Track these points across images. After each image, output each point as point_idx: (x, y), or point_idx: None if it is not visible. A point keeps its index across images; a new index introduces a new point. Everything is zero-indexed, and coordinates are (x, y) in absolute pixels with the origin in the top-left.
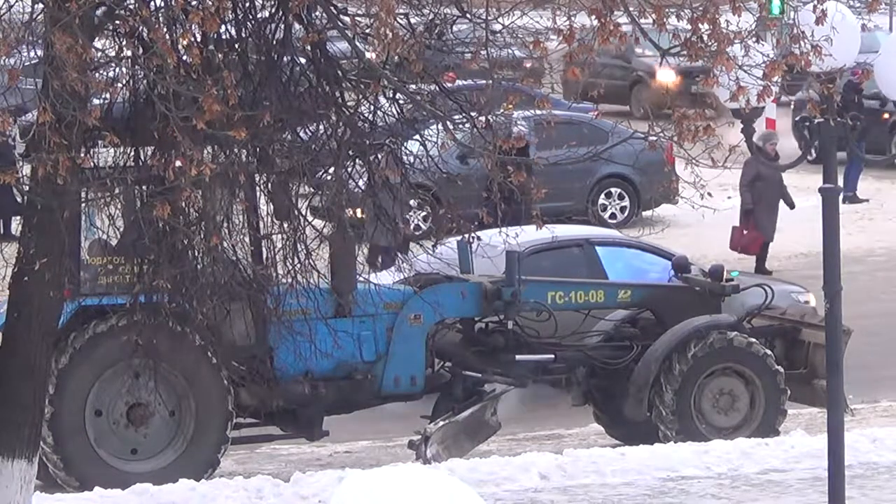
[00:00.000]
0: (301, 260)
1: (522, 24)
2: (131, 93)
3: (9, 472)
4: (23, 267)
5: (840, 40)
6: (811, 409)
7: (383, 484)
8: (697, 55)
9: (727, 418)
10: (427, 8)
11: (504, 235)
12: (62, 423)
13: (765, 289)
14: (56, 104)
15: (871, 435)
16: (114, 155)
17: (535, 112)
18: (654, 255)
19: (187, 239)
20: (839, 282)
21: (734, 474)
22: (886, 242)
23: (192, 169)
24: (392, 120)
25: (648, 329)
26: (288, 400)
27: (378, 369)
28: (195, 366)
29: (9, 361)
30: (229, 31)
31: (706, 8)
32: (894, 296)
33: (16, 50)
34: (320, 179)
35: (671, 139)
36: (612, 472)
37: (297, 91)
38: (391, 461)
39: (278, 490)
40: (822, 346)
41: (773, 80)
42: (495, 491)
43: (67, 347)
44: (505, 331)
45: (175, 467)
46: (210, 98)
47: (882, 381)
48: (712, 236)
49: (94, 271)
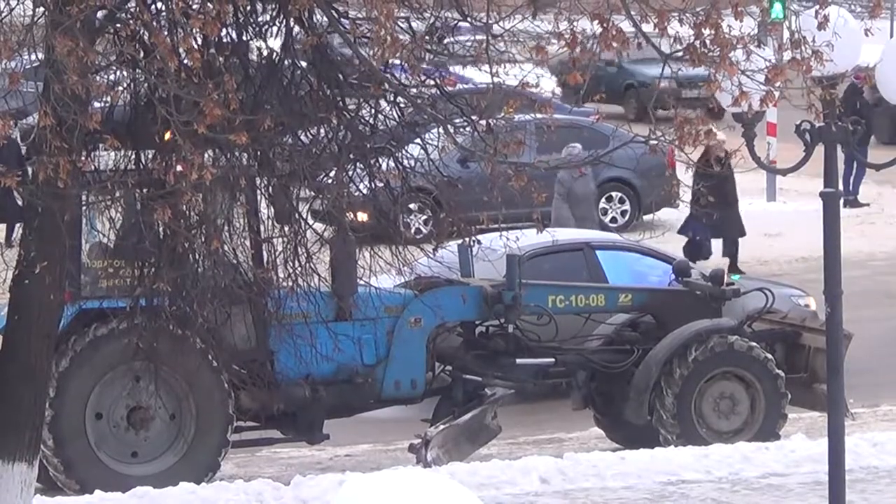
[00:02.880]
0: (302, 263)
1: (524, 28)
2: (132, 96)
3: (9, 476)
4: (23, 270)
5: (841, 45)
6: (812, 413)
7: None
8: (700, 60)
9: (728, 422)
10: (428, 12)
11: (505, 239)
12: (63, 426)
13: (765, 293)
14: (57, 107)
15: (871, 439)
16: (115, 158)
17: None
18: (654, 258)
19: (188, 242)
20: (840, 286)
21: (735, 478)
22: (887, 247)
23: (192, 172)
24: (393, 123)
25: (649, 333)
26: (288, 403)
27: (379, 373)
28: (196, 369)
29: (9, 364)
30: (230, 34)
31: (709, 13)
32: (895, 300)
33: (17, 53)
34: (321, 183)
35: (672, 143)
36: (612, 475)
37: (297, 94)
38: (392, 465)
39: (279, 494)
40: (823, 351)
41: (775, 86)
42: (496, 494)
43: (68, 350)
44: (505, 334)
45: (175, 470)
46: (211, 102)
47: (883, 385)
48: (712, 240)
49: (95, 274)
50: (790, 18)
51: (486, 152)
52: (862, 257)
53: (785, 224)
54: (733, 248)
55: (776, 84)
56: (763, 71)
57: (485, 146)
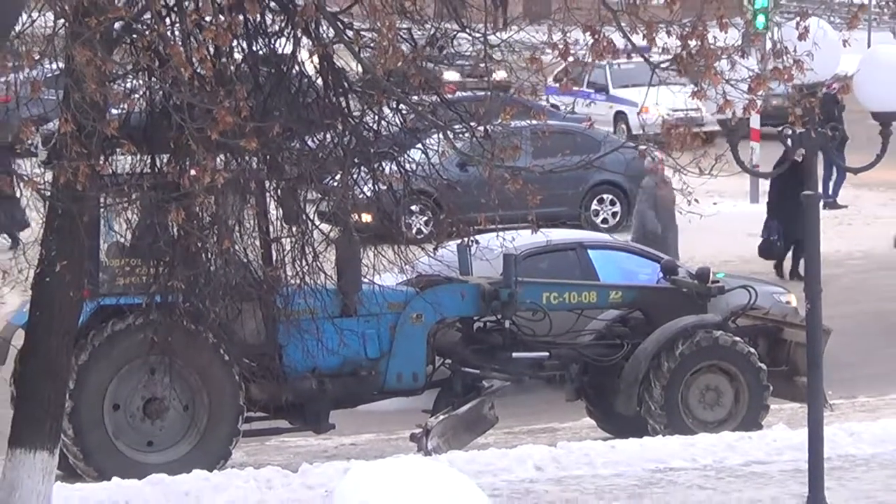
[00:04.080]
0: (309, 262)
1: (519, 39)
2: (148, 104)
3: (31, 464)
4: (45, 269)
5: (821, 55)
6: (792, 404)
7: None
8: (686, 70)
9: (713, 413)
10: (429, 23)
11: (501, 239)
12: (82, 417)
13: (749, 290)
14: (76, 114)
15: (849, 429)
16: (131, 163)
17: (531, 122)
18: (643, 258)
19: (201, 242)
20: (819, 283)
21: (719, 466)
22: (864, 246)
23: (205, 176)
24: (395, 129)
25: (638, 328)
26: (296, 395)
27: (382, 366)
28: (208, 362)
29: (31, 358)
30: (241, 45)
31: (695, 25)
32: (872, 297)
33: (39, 63)
34: (327, 186)
35: (660, 147)
36: (603, 463)
37: (305, 102)
38: (394, 453)
39: (287, 480)
40: (803, 345)
41: (758, 94)
42: (493, 481)
43: (87, 345)
44: (502, 330)
45: (189, 459)
46: (223, 109)
47: (860, 378)
48: (699, 240)
49: (113, 273)
50: (772, 30)
51: (483, 157)
52: (840, 256)
53: None
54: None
55: (759, 92)
56: (746, 80)
57: (482, 151)
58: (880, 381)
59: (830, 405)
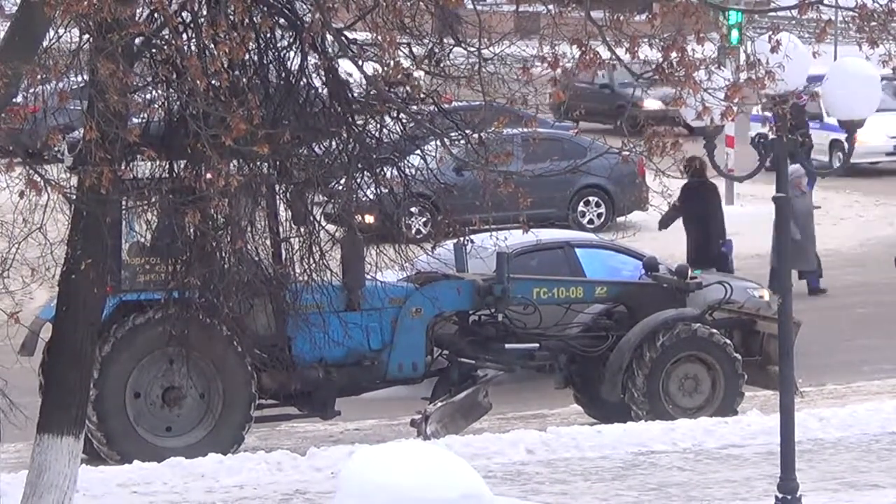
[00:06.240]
0: (316, 260)
1: (511, 52)
2: (166, 113)
3: (58, 448)
4: (70, 267)
5: (791, 66)
6: (765, 391)
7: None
8: (667, 80)
9: (691, 400)
10: (427, 38)
11: (494, 239)
12: (105, 404)
13: (724, 285)
14: (100, 123)
15: (818, 414)
16: (151, 168)
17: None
18: (626, 255)
19: (215, 242)
20: (790, 279)
21: (698, 449)
22: (831, 245)
23: (220, 180)
24: (396, 137)
25: (622, 321)
26: (304, 383)
27: (384, 356)
28: (222, 353)
29: (58, 350)
30: (253, 58)
31: (675, 38)
32: (839, 292)
33: (65, 75)
34: (333, 189)
35: (642, 154)
36: (590, 447)
37: (312, 111)
38: (395, 437)
39: (296, 463)
40: (775, 336)
41: (733, 102)
42: (487, 463)
43: (110, 337)
44: (496, 323)
45: (205, 443)
46: (236, 118)
47: (828, 366)
48: (678, 239)
49: (134, 270)
50: (746, 43)
51: (478, 162)
52: None
53: (742, 225)
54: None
55: (734, 100)
56: (723, 89)
57: (477, 157)
58: (847, 369)
59: (801, 392)
